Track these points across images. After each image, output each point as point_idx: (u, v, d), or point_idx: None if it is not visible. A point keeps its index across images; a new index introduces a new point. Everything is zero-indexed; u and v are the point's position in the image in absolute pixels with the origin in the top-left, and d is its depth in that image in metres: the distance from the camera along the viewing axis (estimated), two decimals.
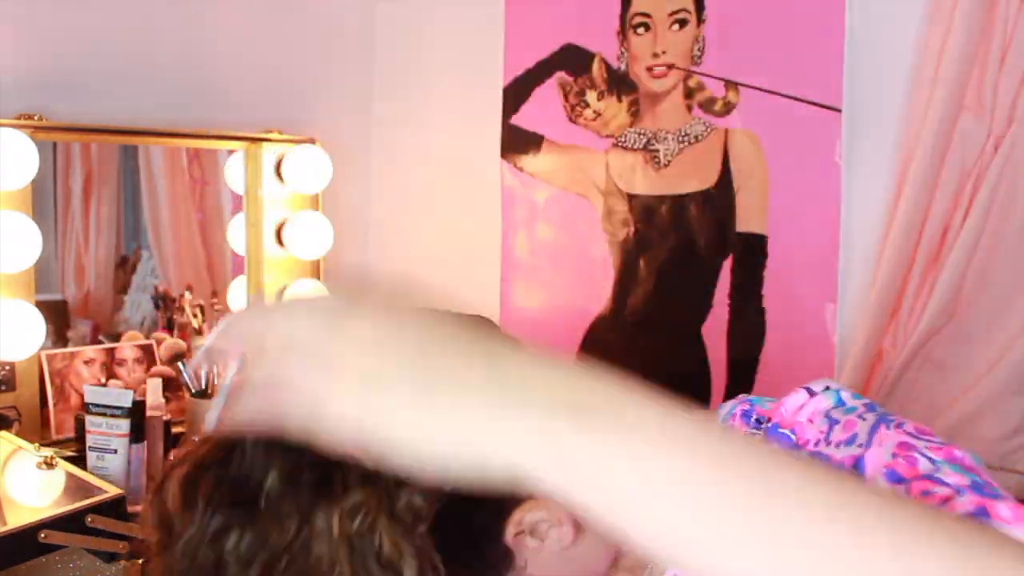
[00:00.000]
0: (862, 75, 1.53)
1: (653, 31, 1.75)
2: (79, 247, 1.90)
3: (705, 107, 1.71)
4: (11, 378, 1.64)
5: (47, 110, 1.69)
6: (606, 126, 1.84)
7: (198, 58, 1.94)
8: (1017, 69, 1.36)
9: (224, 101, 1.97)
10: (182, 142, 1.95)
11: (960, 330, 1.45)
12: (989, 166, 1.39)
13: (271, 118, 2.03)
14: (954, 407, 1.45)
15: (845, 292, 1.57)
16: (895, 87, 1.49)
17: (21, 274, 1.63)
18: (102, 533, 1.28)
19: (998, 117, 1.39)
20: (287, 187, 2.01)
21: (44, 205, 1.77)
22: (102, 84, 1.80)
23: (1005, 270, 1.41)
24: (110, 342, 1.87)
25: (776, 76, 1.61)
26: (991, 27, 1.38)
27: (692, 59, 1.71)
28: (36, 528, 1.21)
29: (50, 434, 1.70)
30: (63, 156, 1.85)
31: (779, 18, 1.61)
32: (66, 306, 1.86)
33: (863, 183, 1.54)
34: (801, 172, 1.60)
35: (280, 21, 2.07)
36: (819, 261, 1.59)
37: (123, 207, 1.96)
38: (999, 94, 1.38)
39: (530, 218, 1.97)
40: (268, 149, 1.99)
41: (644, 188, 1.79)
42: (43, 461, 1.39)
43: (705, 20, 1.69)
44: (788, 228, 1.63)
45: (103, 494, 1.32)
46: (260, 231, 2.00)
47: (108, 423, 1.48)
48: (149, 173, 2.00)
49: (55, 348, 1.76)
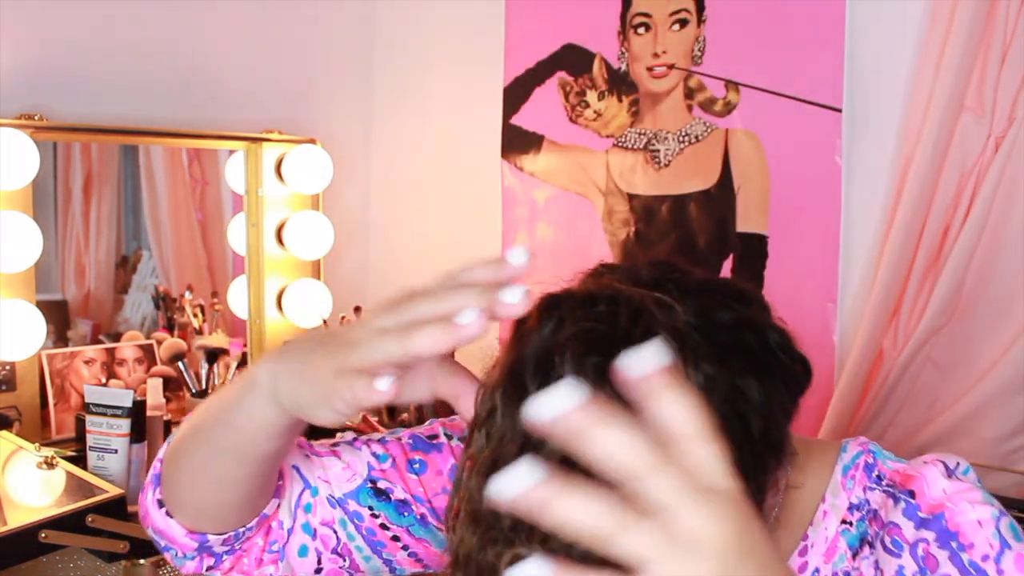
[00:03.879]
0: (862, 75, 1.53)
1: (653, 31, 1.75)
2: (79, 247, 1.90)
3: (705, 107, 1.71)
4: (11, 378, 1.64)
5: (47, 110, 1.69)
6: (606, 126, 1.84)
7: (198, 58, 1.94)
8: (1017, 69, 1.36)
9: (224, 101, 1.98)
10: (182, 142, 1.95)
11: (960, 330, 1.45)
12: (989, 166, 1.39)
13: (271, 118, 2.03)
14: (954, 407, 1.45)
15: (845, 292, 1.57)
16: (895, 87, 1.49)
17: (21, 274, 1.63)
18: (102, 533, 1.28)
19: (998, 117, 1.39)
20: (287, 187, 2.01)
21: (44, 205, 1.77)
22: (102, 84, 1.80)
23: (1005, 270, 1.40)
24: (110, 342, 1.87)
25: (776, 76, 1.61)
26: (991, 27, 1.38)
27: (692, 59, 1.71)
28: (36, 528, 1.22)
29: (50, 434, 1.70)
30: (63, 156, 1.85)
31: (779, 18, 1.61)
32: (66, 306, 1.86)
33: (863, 183, 1.54)
34: (801, 172, 1.60)
35: (280, 21, 2.07)
36: (819, 261, 1.59)
37: (123, 207, 1.96)
38: (999, 94, 1.38)
39: (530, 218, 1.97)
40: (268, 149, 1.99)
41: (644, 188, 1.79)
42: (43, 461, 1.39)
43: (705, 20, 1.69)
44: (788, 228, 1.63)
45: (103, 494, 1.32)
46: (260, 231, 2.00)
47: (108, 423, 1.48)
48: (149, 173, 2.00)
49: (55, 348, 1.76)
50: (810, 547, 0.70)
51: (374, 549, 0.79)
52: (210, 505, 0.71)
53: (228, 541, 0.74)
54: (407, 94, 2.19)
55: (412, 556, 0.80)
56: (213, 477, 0.69)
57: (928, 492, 0.66)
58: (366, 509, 0.78)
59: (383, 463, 0.79)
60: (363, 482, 0.78)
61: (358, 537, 0.78)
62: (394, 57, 2.23)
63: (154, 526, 0.75)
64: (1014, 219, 1.38)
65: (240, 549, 0.76)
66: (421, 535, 0.80)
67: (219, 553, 0.75)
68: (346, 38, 2.21)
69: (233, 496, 0.70)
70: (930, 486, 0.67)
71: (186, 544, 0.73)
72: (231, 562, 0.77)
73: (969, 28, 1.37)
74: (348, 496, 0.77)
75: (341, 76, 2.20)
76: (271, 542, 0.77)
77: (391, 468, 0.79)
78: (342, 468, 0.78)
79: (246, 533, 0.74)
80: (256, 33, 2.03)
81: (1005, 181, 1.38)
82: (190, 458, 0.70)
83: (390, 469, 0.79)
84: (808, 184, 1.59)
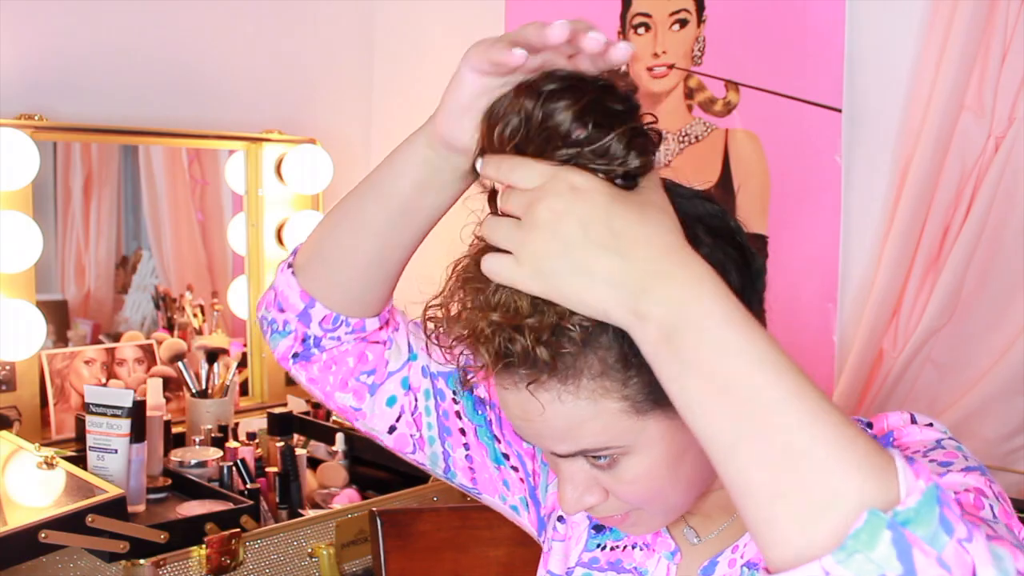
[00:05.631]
0: (862, 75, 1.53)
1: (653, 31, 1.75)
2: (79, 247, 1.90)
3: (705, 107, 1.71)
4: (11, 378, 1.64)
5: (47, 110, 1.69)
6: None
7: (198, 58, 1.94)
8: (1017, 69, 1.36)
9: (224, 101, 1.98)
10: (182, 142, 1.95)
11: (960, 330, 1.45)
12: (989, 166, 1.39)
13: (271, 118, 2.03)
14: (954, 407, 1.45)
15: (845, 292, 1.57)
16: (895, 87, 1.49)
17: (22, 274, 1.63)
18: (102, 533, 1.28)
19: (998, 117, 1.39)
20: (287, 187, 2.01)
21: (44, 205, 1.77)
22: (102, 84, 1.80)
23: (1005, 270, 1.41)
24: (110, 342, 1.87)
25: (776, 76, 1.61)
26: (991, 27, 1.38)
27: (692, 59, 1.71)
28: (36, 528, 1.22)
29: (50, 434, 1.70)
30: (63, 156, 1.85)
31: (779, 18, 1.61)
32: (66, 306, 1.86)
33: (863, 183, 1.54)
34: (801, 172, 1.60)
35: (280, 21, 2.07)
36: (819, 261, 1.59)
37: (123, 207, 1.97)
38: (999, 94, 1.38)
39: None
40: (268, 149, 1.99)
41: None
42: (43, 461, 1.39)
43: (705, 20, 1.69)
44: (788, 228, 1.63)
45: (103, 494, 1.32)
46: (260, 231, 2.00)
47: (108, 423, 1.48)
48: (149, 173, 2.00)
49: (55, 348, 1.76)
50: None
51: (440, 432, 0.82)
52: (336, 273, 0.76)
53: (327, 322, 0.77)
54: (407, 94, 2.19)
55: (468, 460, 0.83)
56: (357, 229, 0.74)
57: (886, 424, 0.70)
58: (450, 392, 0.82)
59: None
60: (456, 369, 0.81)
61: (433, 413, 0.82)
62: (394, 57, 2.23)
63: (276, 289, 0.79)
64: (1014, 219, 1.39)
65: (332, 347, 0.79)
66: (484, 440, 0.83)
67: (315, 337, 0.78)
68: (346, 38, 2.21)
69: (365, 261, 0.75)
70: (889, 421, 0.70)
71: (295, 305, 0.76)
72: (317, 363, 0.80)
73: (969, 28, 1.37)
74: (440, 374, 0.82)
75: (341, 76, 2.20)
76: (365, 371, 0.80)
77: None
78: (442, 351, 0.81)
79: (344, 326, 0.77)
80: (256, 33, 2.03)
81: (1005, 181, 1.38)
82: (343, 213, 0.76)
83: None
84: (808, 184, 1.59)
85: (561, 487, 0.68)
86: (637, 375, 0.61)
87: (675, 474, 0.66)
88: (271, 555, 1.46)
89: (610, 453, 0.64)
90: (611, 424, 0.62)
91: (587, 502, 0.67)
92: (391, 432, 0.82)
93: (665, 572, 0.76)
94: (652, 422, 0.63)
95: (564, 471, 0.67)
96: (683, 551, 0.76)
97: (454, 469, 0.84)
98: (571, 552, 0.81)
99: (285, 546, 1.48)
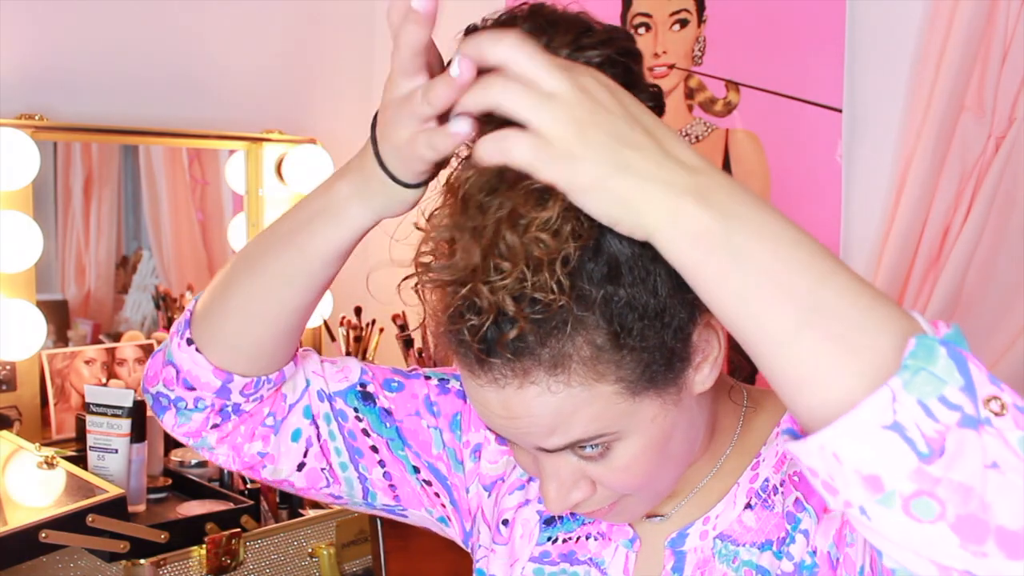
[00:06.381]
0: (862, 75, 1.53)
1: (654, 31, 1.75)
2: (79, 247, 1.90)
3: (706, 107, 1.71)
4: (12, 378, 1.64)
5: (47, 110, 1.69)
6: None
7: (198, 58, 1.94)
8: (1017, 69, 1.36)
9: (224, 101, 1.98)
10: (182, 142, 1.95)
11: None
12: (989, 166, 1.39)
13: (271, 118, 2.03)
14: None
15: None
16: (895, 87, 1.49)
17: (22, 274, 1.63)
18: (103, 533, 1.28)
19: (998, 117, 1.39)
20: (287, 187, 2.01)
21: (44, 205, 1.77)
22: (102, 84, 1.80)
23: (1005, 270, 1.41)
24: (111, 342, 1.87)
25: (776, 76, 1.61)
26: (991, 27, 1.38)
27: (693, 59, 1.71)
28: (37, 528, 1.22)
29: (51, 434, 1.70)
30: (63, 156, 1.85)
31: (779, 18, 1.61)
32: (67, 306, 1.86)
33: (863, 183, 1.55)
34: (801, 172, 1.60)
35: (280, 21, 2.07)
36: None
37: (123, 207, 1.96)
38: (999, 94, 1.38)
39: None
40: (269, 149, 1.99)
41: None
42: (44, 461, 1.39)
43: (705, 20, 1.69)
44: None
45: (104, 494, 1.32)
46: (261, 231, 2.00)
47: (109, 423, 1.48)
48: (149, 173, 2.00)
49: (56, 348, 1.76)
50: (762, 462, 0.72)
51: (351, 455, 0.79)
52: (248, 338, 0.72)
53: (249, 388, 0.74)
54: None
55: (387, 478, 0.81)
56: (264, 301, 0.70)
57: None
58: (351, 410, 0.79)
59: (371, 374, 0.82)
60: (352, 385, 0.80)
61: (339, 437, 0.79)
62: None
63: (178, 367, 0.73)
64: (1014, 219, 1.39)
65: (249, 410, 0.76)
66: (399, 454, 0.80)
67: (234, 404, 0.75)
68: (346, 38, 2.21)
69: (273, 329, 0.71)
70: None
71: (209, 383, 0.73)
72: (233, 425, 0.76)
73: (969, 28, 1.37)
74: (337, 394, 0.79)
75: (341, 76, 2.20)
76: (268, 414, 0.77)
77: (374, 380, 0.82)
78: (336, 370, 0.81)
79: (266, 384, 0.75)
80: (256, 33, 2.03)
81: (1005, 181, 1.38)
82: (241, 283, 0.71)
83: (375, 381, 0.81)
84: (808, 184, 1.59)
85: (544, 486, 0.64)
86: (629, 354, 0.59)
87: (666, 453, 0.64)
88: (271, 555, 1.46)
89: (603, 441, 0.61)
90: (604, 410, 0.59)
91: (574, 498, 0.64)
92: (300, 469, 0.79)
93: (623, 561, 0.73)
94: (646, 403, 0.61)
95: (547, 468, 0.63)
96: (642, 537, 0.73)
97: (373, 491, 0.81)
98: (522, 550, 0.78)
99: (285, 546, 1.48)
